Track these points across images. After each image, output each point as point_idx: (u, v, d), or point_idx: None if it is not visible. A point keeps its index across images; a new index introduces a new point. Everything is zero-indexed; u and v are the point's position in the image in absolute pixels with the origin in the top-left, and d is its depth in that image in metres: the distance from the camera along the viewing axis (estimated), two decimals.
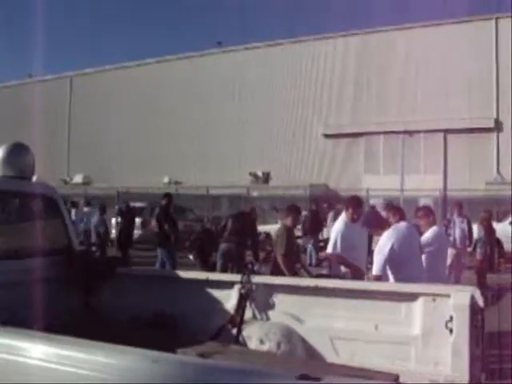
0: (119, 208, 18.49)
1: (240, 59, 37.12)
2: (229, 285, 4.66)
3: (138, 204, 21.51)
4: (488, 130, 30.44)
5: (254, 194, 25.54)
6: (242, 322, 4.43)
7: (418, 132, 32.05)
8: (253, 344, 4.30)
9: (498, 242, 15.67)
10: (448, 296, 3.95)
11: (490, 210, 15.24)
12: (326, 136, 34.94)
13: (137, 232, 19.29)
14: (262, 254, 12.14)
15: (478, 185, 27.24)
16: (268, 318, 4.50)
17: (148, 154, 37.70)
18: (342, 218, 7.44)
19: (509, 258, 16.08)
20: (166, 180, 34.27)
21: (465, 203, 15.15)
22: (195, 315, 4.62)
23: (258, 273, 10.86)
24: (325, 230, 18.65)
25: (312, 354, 4.27)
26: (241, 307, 4.47)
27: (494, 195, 24.10)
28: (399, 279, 5.72)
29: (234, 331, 4.42)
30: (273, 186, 31.67)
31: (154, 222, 12.74)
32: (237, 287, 4.58)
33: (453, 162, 31.45)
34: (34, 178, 5.28)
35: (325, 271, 9.25)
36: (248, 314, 4.51)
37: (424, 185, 27.63)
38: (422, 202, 26.34)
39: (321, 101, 35.04)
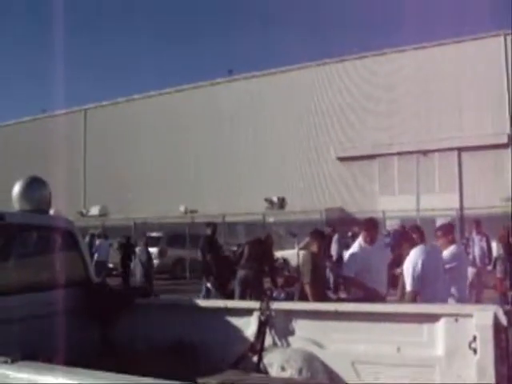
0: (119, 241, 18.60)
1: (251, 86, 37.40)
2: (248, 312, 4.63)
3: (155, 234, 21.57)
4: (502, 146, 30.27)
5: (270, 219, 25.48)
6: (262, 349, 4.38)
7: (432, 151, 31.91)
8: (274, 371, 4.26)
9: None
10: (470, 316, 3.90)
11: (508, 226, 15.02)
12: (340, 159, 34.92)
13: (155, 262, 19.33)
14: (280, 280, 12.07)
15: (494, 202, 27.00)
16: (288, 345, 4.46)
17: (163, 184, 37.89)
18: (359, 240, 7.43)
19: None
20: (182, 209, 34.33)
21: (482, 221, 15.01)
22: (214, 343, 4.59)
23: (277, 299, 10.89)
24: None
25: (334, 379, 4.22)
26: (261, 334, 4.43)
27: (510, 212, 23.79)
28: (424, 299, 5.69)
29: (255, 359, 4.37)
30: (288, 212, 31.58)
31: (198, 253, 12.77)
32: (256, 314, 4.55)
33: (468, 180, 31.26)
34: (51, 212, 5.33)
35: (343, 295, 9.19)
36: (268, 340, 4.48)
37: (440, 204, 27.43)
38: (439, 222, 26.24)
39: (334, 124, 35.13)
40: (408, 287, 5.81)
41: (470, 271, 10.15)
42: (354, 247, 7.35)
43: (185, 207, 34.25)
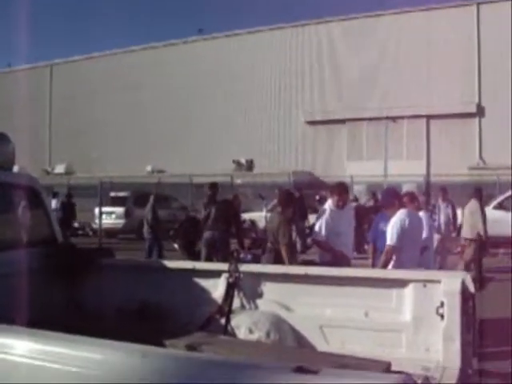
0: (61, 201, 18.47)
1: (221, 47, 36.88)
2: (216, 274, 4.57)
3: (122, 193, 21.31)
4: (470, 115, 30.59)
5: (238, 181, 25.39)
6: (230, 311, 4.35)
7: (401, 118, 32.12)
8: (242, 334, 4.23)
9: None
10: (439, 282, 3.91)
11: (474, 193, 15.18)
12: (309, 123, 34.90)
13: (120, 222, 19.19)
14: (247, 242, 12.04)
15: (460, 170, 27.39)
16: (257, 307, 4.43)
17: (131, 143, 37.41)
18: (328, 204, 7.41)
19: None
20: (148, 169, 33.99)
21: (449, 188, 15.16)
22: (181, 305, 4.54)
23: (245, 261, 10.88)
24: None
25: (302, 342, 4.22)
26: (229, 296, 4.39)
27: (476, 180, 24.13)
28: (400, 260, 5.90)
29: (223, 321, 4.34)
30: (256, 174, 31.54)
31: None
32: (224, 276, 4.50)
33: (435, 148, 31.60)
34: (15, 169, 5.14)
35: (311, 258, 9.21)
36: (236, 303, 4.43)
37: (407, 170, 27.71)
38: (405, 188, 26.53)
39: (303, 88, 34.99)
40: (389, 241, 5.95)
41: (436, 238, 10.27)
42: (324, 211, 7.34)
43: (152, 167, 33.91)
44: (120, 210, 19.67)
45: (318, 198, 20.96)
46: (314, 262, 9.23)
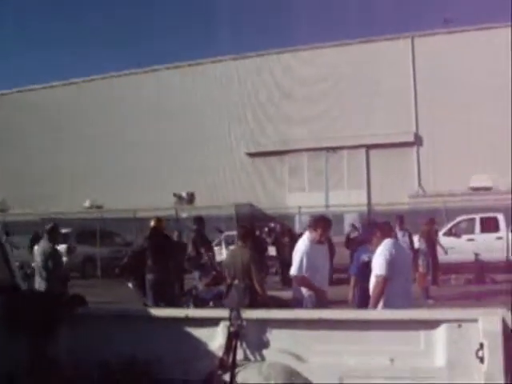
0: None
1: (161, 79, 36.31)
2: (212, 322, 3.97)
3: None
4: (408, 144, 31.18)
5: (184, 215, 24.65)
6: (234, 365, 3.74)
7: (341, 148, 32.38)
8: None
9: None
10: (475, 321, 3.48)
11: (430, 222, 15.20)
12: (250, 155, 34.69)
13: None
14: (205, 279, 11.30)
15: (401, 198, 27.68)
16: (264, 359, 3.84)
17: (66, 178, 35.88)
18: (307, 237, 7.02)
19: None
20: (87, 204, 32.66)
21: (390, 217, 15.08)
22: (174, 360, 3.91)
23: (205, 299, 10.21)
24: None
25: None
26: (231, 348, 3.78)
27: (417, 208, 24.42)
28: (391, 290, 5.72)
29: (227, 377, 3.73)
30: (198, 207, 30.85)
31: (189, 247, 11.85)
32: (223, 324, 3.90)
33: (376, 177, 31.96)
34: None
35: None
36: (239, 355, 3.83)
37: (349, 200, 27.84)
38: (348, 218, 26.57)
39: (244, 120, 34.86)
40: (380, 271, 5.69)
41: None
42: (304, 245, 6.93)
43: (90, 202, 32.62)
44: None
45: (266, 229, 20.56)
46: (280, 298, 8.77)
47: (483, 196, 25.55)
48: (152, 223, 10.37)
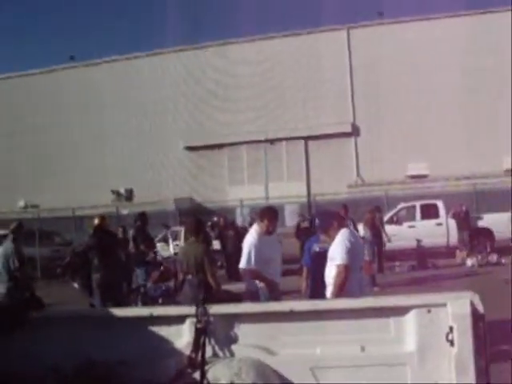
0: None
1: (93, 74, 35.33)
2: (178, 320, 3.84)
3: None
4: (346, 134, 31.60)
5: (124, 212, 24.13)
6: (204, 362, 3.62)
7: (280, 140, 32.49)
8: None
9: None
10: (444, 305, 3.50)
11: (373, 210, 15.44)
12: (188, 148, 34.34)
13: None
14: (154, 274, 11.06)
15: (340, 188, 28.06)
16: (233, 355, 3.75)
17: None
18: (255, 229, 6.93)
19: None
20: (21, 204, 31.51)
21: (331, 207, 15.21)
22: (139, 361, 3.75)
23: (154, 296, 10.00)
24: None
25: None
26: (199, 345, 3.66)
27: (356, 197, 24.81)
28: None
29: (196, 375, 3.61)
30: (137, 203, 30.33)
31: (130, 244, 11.72)
32: (189, 321, 3.78)
33: (315, 168, 32.26)
34: None
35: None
36: (207, 352, 3.72)
37: (288, 192, 28.00)
38: (288, 209, 26.74)
39: (181, 113, 34.43)
40: (341, 261, 5.61)
41: None
42: (252, 237, 6.82)
43: (24, 202, 31.48)
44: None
45: (209, 223, 20.38)
46: (232, 292, 8.67)
47: (421, 184, 26.32)
48: (96, 221, 10.08)
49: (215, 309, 3.77)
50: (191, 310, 3.78)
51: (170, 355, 3.76)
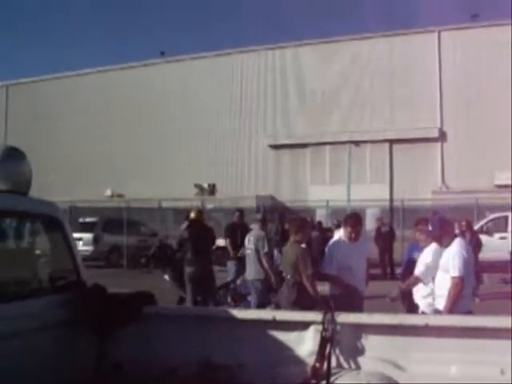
0: None
1: (184, 69, 35.88)
2: (301, 325, 3.67)
3: (90, 219, 20.06)
4: (432, 139, 30.66)
5: (210, 206, 24.33)
6: (329, 374, 3.44)
7: (364, 142, 31.93)
8: None
9: None
10: None
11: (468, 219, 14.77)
12: (272, 147, 34.32)
13: (88, 248, 17.98)
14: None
15: (424, 194, 27.27)
16: (358, 367, 3.54)
17: (88, 166, 35.58)
18: (340, 234, 6.93)
19: None
20: (108, 193, 32.40)
21: (412, 212, 14.71)
22: (259, 367, 3.60)
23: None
24: None
25: None
26: (325, 355, 3.47)
27: (440, 204, 23.98)
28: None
29: None
30: (219, 198, 30.60)
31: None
32: (313, 328, 3.60)
33: (398, 172, 31.50)
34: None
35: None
36: (332, 362, 3.53)
37: (370, 195, 27.41)
38: (369, 212, 26.14)
39: (266, 111, 34.48)
40: (458, 273, 5.42)
41: None
42: (335, 243, 6.85)
43: (111, 191, 32.36)
44: (88, 236, 18.42)
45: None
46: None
47: (508, 193, 25.08)
48: (192, 214, 9.99)
49: (343, 317, 3.58)
50: (317, 316, 3.60)
51: (292, 363, 3.60)
